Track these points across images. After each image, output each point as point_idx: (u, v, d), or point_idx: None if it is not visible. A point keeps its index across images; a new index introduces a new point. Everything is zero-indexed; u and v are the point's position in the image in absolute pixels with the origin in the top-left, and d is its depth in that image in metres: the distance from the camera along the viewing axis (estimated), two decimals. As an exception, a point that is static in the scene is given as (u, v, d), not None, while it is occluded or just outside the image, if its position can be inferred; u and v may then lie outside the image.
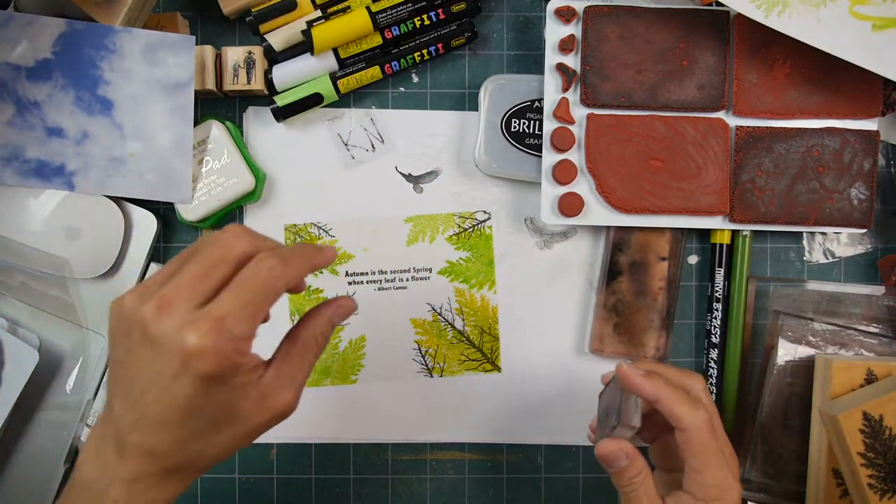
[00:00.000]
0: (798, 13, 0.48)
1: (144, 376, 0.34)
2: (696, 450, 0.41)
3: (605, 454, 0.43)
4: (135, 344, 0.34)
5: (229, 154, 0.53)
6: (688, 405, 0.41)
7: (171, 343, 0.33)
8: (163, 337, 0.33)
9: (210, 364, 0.33)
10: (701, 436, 0.41)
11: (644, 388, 0.41)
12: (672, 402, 0.41)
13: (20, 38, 0.50)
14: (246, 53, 0.53)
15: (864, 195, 0.52)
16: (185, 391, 0.33)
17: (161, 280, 0.35)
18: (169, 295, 0.33)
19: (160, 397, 0.33)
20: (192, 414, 0.34)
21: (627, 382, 0.42)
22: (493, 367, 0.55)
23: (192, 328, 0.32)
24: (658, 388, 0.41)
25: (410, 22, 0.53)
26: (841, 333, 0.53)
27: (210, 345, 0.32)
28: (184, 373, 0.33)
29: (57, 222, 0.52)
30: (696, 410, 0.41)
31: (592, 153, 0.52)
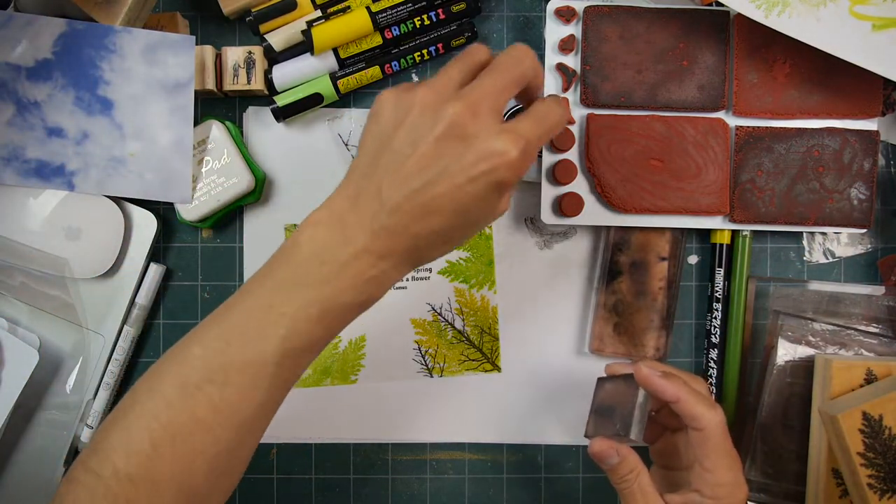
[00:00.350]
0: (798, 13, 0.48)
1: (438, 168, 0.36)
2: (710, 449, 0.42)
3: (597, 452, 0.44)
4: (434, 137, 0.36)
5: (229, 154, 0.53)
6: (706, 406, 0.43)
7: (483, 147, 0.35)
8: (473, 140, 0.35)
9: (511, 174, 0.36)
10: (717, 436, 0.42)
11: (666, 390, 0.43)
12: (692, 403, 0.42)
13: (20, 38, 0.50)
14: (246, 53, 0.53)
15: (864, 195, 0.52)
16: (477, 191, 0.36)
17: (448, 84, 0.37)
18: (478, 99, 0.36)
19: (450, 191, 0.36)
20: (465, 212, 0.37)
21: (647, 383, 0.43)
22: (493, 367, 0.55)
23: (505, 139, 0.36)
24: (678, 389, 0.43)
25: (410, 22, 0.53)
26: (841, 333, 0.53)
27: (517, 158, 0.36)
28: (484, 176, 0.35)
29: (57, 222, 0.52)
30: (714, 411, 0.43)
31: (592, 153, 0.52)
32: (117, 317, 0.53)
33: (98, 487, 0.34)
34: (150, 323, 0.55)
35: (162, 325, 0.55)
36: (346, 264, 0.36)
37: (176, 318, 0.55)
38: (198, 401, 0.35)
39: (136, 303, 0.54)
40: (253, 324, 0.36)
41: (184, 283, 0.55)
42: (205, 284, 0.55)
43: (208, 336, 0.37)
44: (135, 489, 0.34)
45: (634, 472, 0.44)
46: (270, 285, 0.37)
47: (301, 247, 0.37)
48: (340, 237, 0.37)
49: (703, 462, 0.43)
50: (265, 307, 0.37)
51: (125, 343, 0.53)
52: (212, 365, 0.36)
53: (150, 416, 0.35)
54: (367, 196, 0.37)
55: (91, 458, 0.35)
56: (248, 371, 0.36)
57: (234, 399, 0.36)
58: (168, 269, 0.55)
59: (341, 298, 0.37)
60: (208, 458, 0.36)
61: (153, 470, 0.35)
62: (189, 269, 0.55)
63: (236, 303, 0.38)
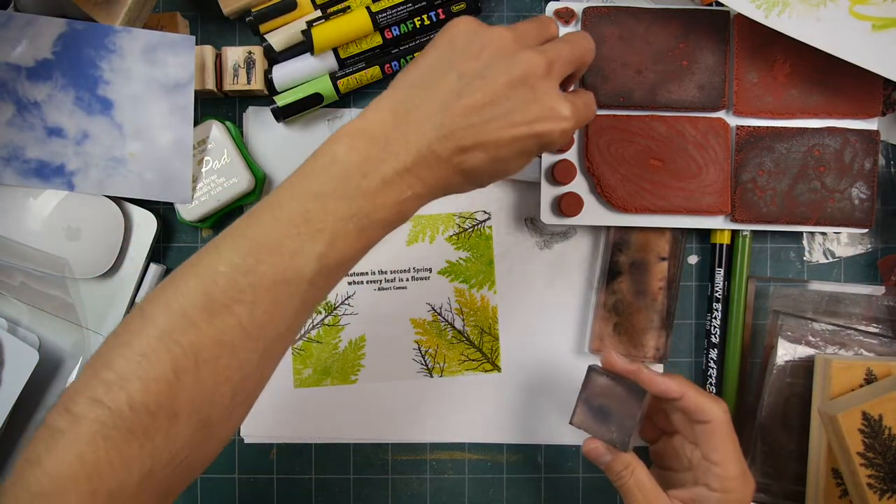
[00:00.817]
0: (798, 13, 0.48)
1: (502, 110, 0.36)
2: (718, 443, 0.42)
3: (589, 451, 0.45)
4: (509, 79, 0.36)
5: (229, 154, 0.53)
6: (711, 399, 0.43)
7: (551, 105, 0.36)
8: (541, 94, 0.36)
9: (559, 140, 0.37)
10: (724, 428, 0.43)
11: (670, 387, 0.43)
12: (696, 397, 0.43)
13: (20, 38, 0.50)
14: (246, 53, 0.53)
15: (864, 195, 0.52)
16: (526, 145, 0.36)
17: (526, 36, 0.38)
18: (553, 59, 0.37)
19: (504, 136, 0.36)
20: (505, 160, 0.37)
21: (652, 384, 0.43)
22: (493, 367, 0.55)
23: (568, 106, 0.37)
24: (682, 386, 0.43)
25: (410, 22, 0.53)
26: (841, 333, 0.53)
27: (570, 128, 0.37)
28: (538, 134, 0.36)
29: (57, 222, 0.52)
30: (719, 404, 0.43)
31: (592, 153, 0.52)
32: (117, 317, 0.53)
33: (108, 420, 0.31)
34: (150, 323, 0.55)
35: (162, 325, 0.55)
36: (388, 181, 0.35)
37: (176, 318, 0.55)
38: (225, 322, 0.32)
39: (136, 303, 0.54)
40: (287, 238, 0.34)
41: (184, 283, 0.55)
42: (205, 284, 0.55)
43: (236, 251, 0.34)
44: (153, 421, 0.31)
45: (629, 469, 0.44)
46: (305, 197, 0.34)
47: (339, 158, 0.35)
48: (383, 152, 0.35)
49: (711, 456, 0.43)
50: (300, 220, 0.34)
51: (125, 343, 0.53)
52: (240, 283, 0.33)
53: (172, 338, 0.32)
54: (418, 115, 0.35)
55: (96, 389, 0.31)
56: (279, 289, 0.34)
57: (262, 319, 0.33)
58: (168, 269, 0.55)
59: (379, 214, 0.35)
60: (233, 384, 0.33)
61: (174, 399, 0.32)
62: (189, 269, 0.55)
63: (264, 215, 0.35)
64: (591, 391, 0.46)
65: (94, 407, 0.31)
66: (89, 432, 0.31)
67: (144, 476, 0.31)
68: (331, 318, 0.55)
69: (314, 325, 0.55)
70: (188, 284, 0.33)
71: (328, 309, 0.55)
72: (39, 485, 0.30)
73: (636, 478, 0.44)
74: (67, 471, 0.30)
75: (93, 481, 0.30)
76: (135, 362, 0.31)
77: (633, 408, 0.44)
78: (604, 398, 0.46)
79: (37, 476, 0.30)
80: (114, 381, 0.31)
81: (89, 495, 0.30)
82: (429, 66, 0.37)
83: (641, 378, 0.44)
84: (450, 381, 0.55)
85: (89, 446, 0.30)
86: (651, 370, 0.44)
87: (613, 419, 0.45)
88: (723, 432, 0.43)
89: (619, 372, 0.45)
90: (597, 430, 0.45)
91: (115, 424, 0.31)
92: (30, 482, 0.30)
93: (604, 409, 0.45)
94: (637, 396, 0.45)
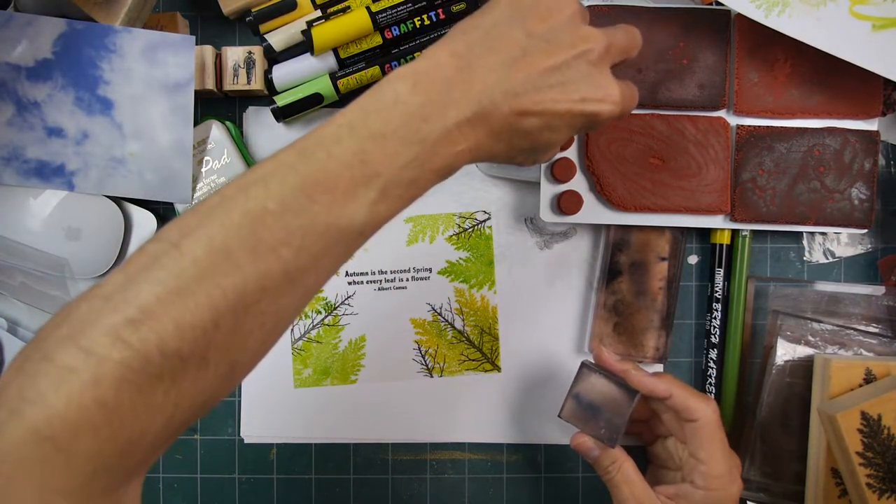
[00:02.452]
0: (798, 13, 0.48)
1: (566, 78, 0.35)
2: (705, 441, 0.43)
3: (578, 445, 0.46)
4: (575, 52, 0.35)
5: (229, 154, 0.53)
6: (699, 398, 0.43)
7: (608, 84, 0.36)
8: (604, 75, 0.36)
9: (608, 119, 0.37)
10: (712, 427, 0.43)
11: (658, 387, 0.43)
12: (684, 396, 0.43)
13: (20, 38, 0.50)
14: (246, 53, 0.52)
15: (864, 195, 0.52)
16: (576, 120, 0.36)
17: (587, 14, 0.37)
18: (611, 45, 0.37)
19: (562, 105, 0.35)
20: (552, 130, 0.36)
21: (641, 384, 0.44)
22: (493, 367, 0.55)
23: (621, 89, 0.37)
24: (670, 385, 0.44)
25: (410, 22, 0.53)
26: (840, 333, 0.53)
27: (619, 111, 0.37)
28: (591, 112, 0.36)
29: (57, 222, 0.52)
30: (707, 403, 0.43)
31: (592, 151, 0.52)
32: (117, 317, 0.53)
33: (136, 364, 0.28)
34: (151, 323, 0.55)
35: (162, 325, 0.55)
36: (448, 129, 0.33)
37: (176, 317, 0.55)
38: (270, 265, 0.30)
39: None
40: (342, 180, 0.31)
41: (184, 282, 0.55)
42: (205, 284, 0.55)
43: (286, 185, 0.31)
44: (183, 367, 0.29)
45: (617, 464, 0.45)
46: (364, 134, 0.32)
47: (402, 99, 0.32)
48: (446, 98, 0.33)
49: (698, 453, 0.43)
50: (356, 161, 0.31)
51: (125, 343, 0.53)
52: (291, 224, 0.30)
53: (213, 281, 0.29)
54: (483, 66, 0.34)
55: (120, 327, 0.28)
56: (329, 235, 0.31)
57: (307, 266, 0.31)
58: (168, 268, 0.55)
59: (433, 164, 0.33)
60: (266, 330, 0.31)
61: (208, 347, 0.29)
62: (189, 268, 0.55)
63: (318, 150, 0.32)
64: (583, 387, 0.47)
65: (117, 347, 0.28)
66: (113, 376, 0.27)
67: (166, 421, 0.29)
68: (331, 318, 0.55)
69: (314, 325, 0.55)
70: (232, 219, 0.30)
71: (328, 309, 0.55)
72: (50, 427, 0.27)
73: (623, 473, 0.45)
74: (85, 416, 0.27)
75: (113, 427, 0.28)
76: (170, 303, 0.28)
77: (622, 406, 0.45)
78: (594, 394, 0.46)
79: (45, 417, 0.27)
80: (142, 320, 0.28)
81: (109, 441, 0.28)
82: (492, 21, 0.35)
83: (631, 378, 0.45)
84: (450, 381, 0.55)
85: (112, 391, 0.27)
86: (641, 370, 0.45)
87: (603, 416, 0.46)
88: (710, 431, 0.43)
89: (610, 370, 0.46)
90: (585, 425, 0.46)
91: (143, 369, 0.28)
92: (36, 423, 0.27)
93: (593, 406, 0.46)
94: (627, 395, 0.45)
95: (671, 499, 0.44)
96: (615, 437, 0.45)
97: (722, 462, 0.43)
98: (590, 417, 0.46)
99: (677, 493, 0.44)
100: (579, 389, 0.47)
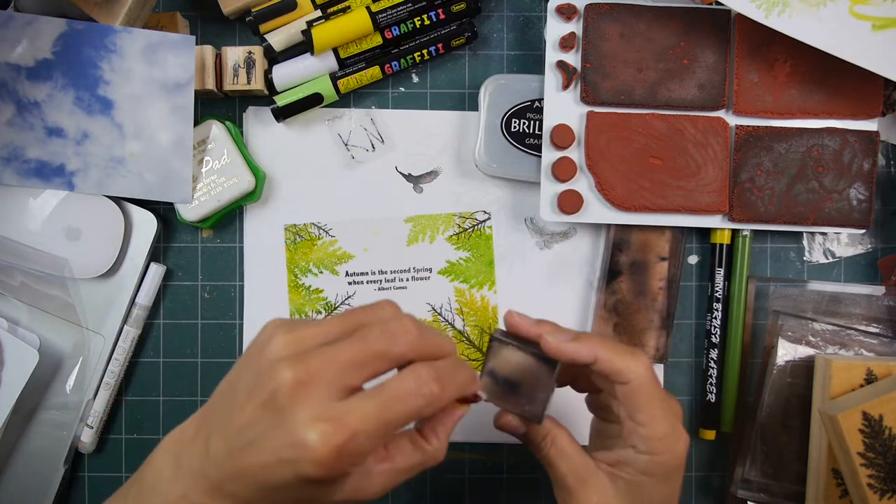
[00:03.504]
0: (798, 13, 0.48)
1: (253, 435, 0.32)
2: (641, 402, 0.38)
3: (502, 425, 0.41)
4: (260, 400, 0.32)
5: (229, 154, 0.53)
6: (628, 356, 0.38)
7: (293, 431, 0.30)
8: (289, 418, 0.31)
9: (319, 472, 0.30)
10: (646, 387, 0.38)
11: (580, 353, 0.38)
12: (611, 359, 0.38)
13: (20, 38, 0.50)
14: (246, 53, 0.53)
15: (863, 196, 0.52)
16: (284, 477, 0.31)
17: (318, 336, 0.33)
18: (315, 370, 0.31)
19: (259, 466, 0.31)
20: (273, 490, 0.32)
21: (560, 354, 0.39)
22: (493, 367, 0.55)
23: (320, 429, 0.30)
24: (593, 349, 0.38)
25: (410, 22, 0.53)
26: (841, 333, 0.53)
27: (329, 455, 0.30)
28: (290, 464, 0.31)
29: (57, 222, 0.52)
30: (637, 360, 0.38)
31: (592, 151, 0.52)
32: (117, 317, 0.53)
33: None
34: (150, 323, 0.55)
35: (162, 325, 0.55)
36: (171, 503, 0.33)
37: (176, 318, 0.55)
38: None
39: (137, 303, 0.54)
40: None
41: (184, 283, 0.55)
42: (205, 284, 0.55)
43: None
44: None
45: (549, 438, 0.40)
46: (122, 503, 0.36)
47: (149, 469, 0.35)
48: (174, 472, 0.34)
49: (636, 416, 0.38)
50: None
51: (125, 343, 0.53)
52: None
53: None
54: (203, 434, 0.34)
55: None
56: None
57: None
58: (168, 269, 0.55)
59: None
60: None
61: None
62: (189, 269, 0.55)
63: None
64: (496, 362, 0.41)
65: None
66: None
67: None
68: (331, 318, 0.55)
69: (314, 325, 0.55)
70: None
71: (328, 309, 0.55)
72: None
73: (558, 447, 0.40)
74: None
75: None
76: None
77: (543, 378, 0.40)
78: (510, 369, 0.40)
79: None
80: None
81: None
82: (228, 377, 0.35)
83: (547, 347, 0.39)
84: (450, 381, 0.55)
85: None
86: (559, 333, 0.39)
87: (523, 391, 0.40)
88: (645, 391, 0.38)
89: (524, 336, 0.40)
90: (505, 403, 0.40)
91: None
92: None
93: (511, 381, 0.40)
94: (547, 366, 0.40)
95: (613, 466, 0.40)
96: (540, 413, 0.39)
97: (663, 422, 0.38)
98: (509, 394, 0.40)
99: (619, 459, 0.39)
100: (493, 365, 0.40)
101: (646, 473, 0.39)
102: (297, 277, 0.55)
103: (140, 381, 0.55)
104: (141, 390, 0.55)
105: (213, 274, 0.55)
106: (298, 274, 0.55)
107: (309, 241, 0.55)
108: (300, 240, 0.55)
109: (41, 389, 0.53)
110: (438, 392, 0.32)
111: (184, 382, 0.55)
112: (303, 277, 0.55)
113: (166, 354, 0.55)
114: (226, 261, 0.55)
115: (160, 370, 0.55)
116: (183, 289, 0.55)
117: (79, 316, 0.53)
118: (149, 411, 0.55)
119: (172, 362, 0.55)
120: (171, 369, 0.55)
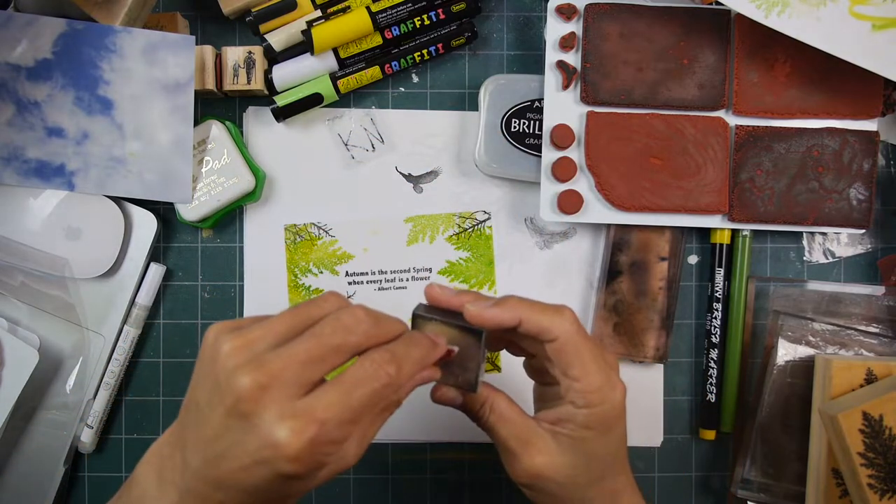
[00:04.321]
0: (798, 13, 0.48)
1: (225, 444, 0.32)
2: (571, 357, 0.38)
3: (439, 398, 0.41)
4: (224, 409, 0.32)
5: (229, 154, 0.53)
6: (551, 313, 0.38)
7: (263, 433, 0.31)
8: (257, 422, 0.31)
9: (297, 467, 0.31)
10: (574, 340, 0.38)
11: (503, 318, 0.38)
12: (535, 318, 0.38)
13: (20, 38, 0.50)
14: (246, 53, 0.53)
15: (863, 196, 0.52)
16: (263, 477, 0.32)
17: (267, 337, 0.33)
18: (274, 372, 0.31)
19: (237, 472, 0.32)
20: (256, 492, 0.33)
21: (483, 321, 0.38)
22: (492, 367, 0.55)
23: (289, 426, 0.31)
24: (515, 311, 0.38)
25: (410, 22, 0.53)
26: (841, 333, 0.53)
27: (303, 449, 0.31)
28: (267, 464, 0.31)
29: (57, 222, 0.52)
30: (562, 316, 0.38)
31: (592, 151, 0.52)
32: (117, 317, 0.53)
33: None
34: (150, 323, 0.55)
35: (162, 325, 0.55)
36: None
37: (176, 318, 0.55)
38: None
39: (137, 303, 0.54)
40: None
41: (184, 283, 0.55)
42: (205, 284, 0.55)
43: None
44: None
45: (487, 404, 0.40)
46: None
47: (134, 485, 0.36)
48: (158, 488, 0.34)
49: (568, 372, 0.38)
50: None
51: (125, 343, 0.53)
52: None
53: None
54: (178, 448, 0.34)
55: None
56: None
57: None
58: (168, 269, 0.55)
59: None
60: None
61: None
62: (189, 269, 0.55)
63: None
64: None
65: None
66: None
67: None
68: (331, 318, 0.55)
69: (314, 325, 0.55)
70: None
71: (328, 309, 0.55)
72: None
73: (497, 412, 0.40)
74: None
75: None
76: None
77: (471, 349, 0.39)
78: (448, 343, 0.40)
79: None
80: None
81: None
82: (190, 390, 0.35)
83: (469, 315, 0.38)
84: (450, 381, 0.55)
85: None
86: (479, 301, 0.39)
87: (454, 363, 0.39)
88: (574, 345, 0.38)
89: (446, 309, 0.40)
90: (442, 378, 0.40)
91: None
92: None
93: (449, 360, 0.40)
94: (473, 336, 0.39)
95: (555, 424, 0.39)
96: (474, 381, 0.39)
97: (596, 374, 0.38)
98: (442, 367, 0.39)
99: (559, 417, 0.39)
100: None
101: (586, 427, 0.38)
102: (296, 277, 0.55)
103: (140, 381, 0.55)
104: (141, 390, 0.55)
105: (213, 274, 0.55)
106: (298, 274, 0.55)
107: (309, 241, 0.55)
108: (300, 240, 0.55)
109: (41, 389, 0.53)
110: (395, 372, 0.33)
111: (184, 382, 0.55)
112: (303, 277, 0.55)
113: (166, 354, 0.55)
114: (226, 261, 0.55)
115: (160, 370, 0.55)
116: (183, 289, 0.55)
117: (79, 316, 0.53)
118: (149, 411, 0.55)
119: (172, 362, 0.55)
120: (171, 369, 0.55)
